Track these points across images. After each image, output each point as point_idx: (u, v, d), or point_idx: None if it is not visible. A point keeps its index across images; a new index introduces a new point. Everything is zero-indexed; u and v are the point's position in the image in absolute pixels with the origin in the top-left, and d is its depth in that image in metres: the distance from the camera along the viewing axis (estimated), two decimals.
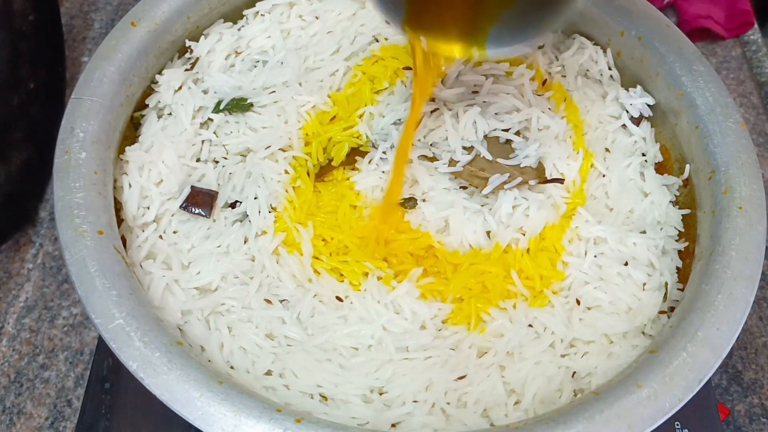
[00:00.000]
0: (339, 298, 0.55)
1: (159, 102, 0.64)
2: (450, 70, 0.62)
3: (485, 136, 0.62)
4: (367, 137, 0.62)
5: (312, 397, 0.52)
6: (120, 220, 0.58)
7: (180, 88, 0.65)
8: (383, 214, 0.58)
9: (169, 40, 0.66)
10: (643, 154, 0.66)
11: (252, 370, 0.53)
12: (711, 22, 0.93)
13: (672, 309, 0.58)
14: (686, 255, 0.61)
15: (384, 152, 0.61)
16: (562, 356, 0.54)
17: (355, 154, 0.62)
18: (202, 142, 0.63)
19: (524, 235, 0.58)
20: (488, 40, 0.50)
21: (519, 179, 0.59)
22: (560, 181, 0.60)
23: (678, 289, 0.59)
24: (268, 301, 0.55)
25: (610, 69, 0.71)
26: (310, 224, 0.58)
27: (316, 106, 0.64)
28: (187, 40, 0.68)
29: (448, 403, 0.51)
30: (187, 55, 0.68)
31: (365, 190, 0.60)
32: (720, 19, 0.95)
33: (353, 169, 0.62)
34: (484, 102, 0.63)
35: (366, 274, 0.56)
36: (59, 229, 0.51)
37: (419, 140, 0.62)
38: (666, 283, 0.58)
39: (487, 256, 0.57)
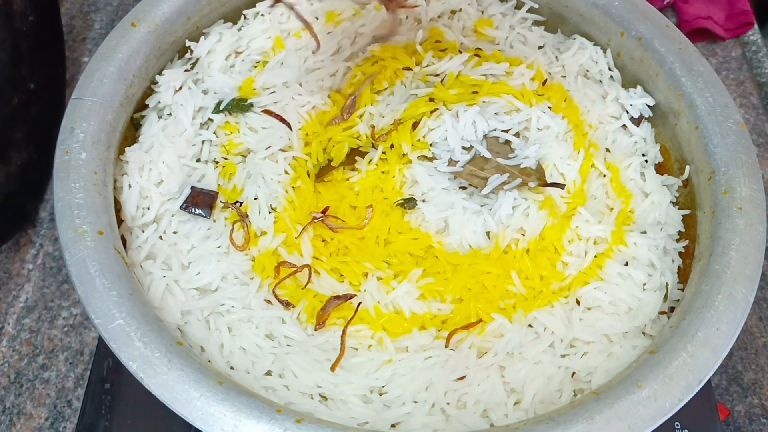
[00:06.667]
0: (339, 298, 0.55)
1: (159, 102, 0.64)
2: None
3: (485, 136, 0.62)
4: (366, 137, 0.62)
5: (312, 398, 0.52)
6: (120, 221, 0.58)
7: (180, 88, 0.65)
8: None
9: (169, 40, 0.66)
10: (644, 155, 0.67)
11: (252, 370, 0.53)
12: (711, 22, 0.93)
13: (672, 309, 0.58)
14: (687, 255, 0.61)
15: (384, 152, 0.61)
16: (562, 356, 0.54)
17: (355, 154, 0.62)
18: (202, 142, 0.63)
19: (524, 235, 0.58)
20: None
21: (519, 180, 0.59)
22: (561, 186, 0.60)
23: (678, 289, 0.59)
24: (268, 302, 0.55)
25: (610, 69, 0.71)
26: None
27: (316, 106, 0.64)
28: (187, 41, 0.68)
29: (448, 404, 0.51)
30: (187, 55, 0.68)
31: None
32: (720, 20, 0.95)
33: (353, 169, 0.62)
34: (484, 102, 0.63)
35: (366, 275, 0.56)
36: (59, 230, 0.51)
37: (419, 139, 0.62)
38: (666, 284, 0.58)
39: (487, 256, 0.57)
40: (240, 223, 0.58)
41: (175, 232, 0.59)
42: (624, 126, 0.67)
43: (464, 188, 0.60)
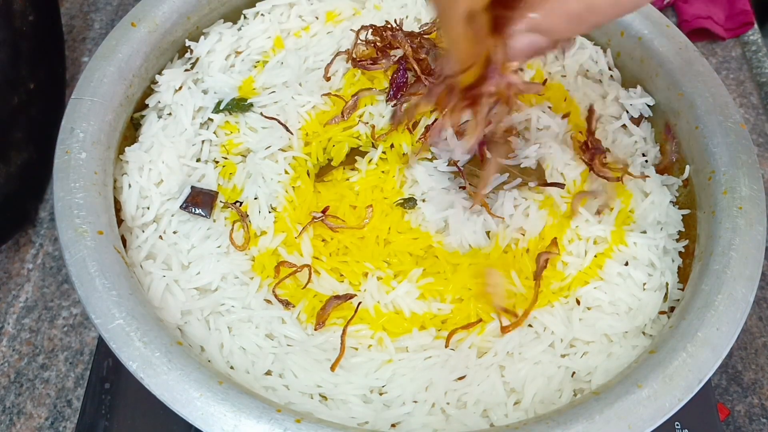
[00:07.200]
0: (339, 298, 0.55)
1: (159, 102, 0.64)
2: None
3: (485, 136, 0.62)
4: (366, 137, 0.62)
5: (312, 397, 0.52)
6: (120, 221, 0.58)
7: (180, 88, 0.65)
8: None
9: (169, 40, 0.66)
10: (644, 154, 0.66)
11: (252, 370, 0.52)
12: (711, 22, 0.93)
13: (672, 309, 0.58)
14: (687, 255, 0.61)
15: (384, 152, 0.61)
16: (562, 356, 0.54)
17: (355, 154, 0.62)
18: (202, 142, 0.63)
19: (524, 235, 0.58)
20: None
21: (519, 180, 0.59)
22: (561, 185, 0.60)
23: (678, 289, 0.59)
24: (268, 302, 0.55)
25: (610, 69, 0.71)
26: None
27: (316, 106, 0.64)
28: (187, 41, 0.68)
29: (448, 403, 0.51)
30: (187, 55, 0.68)
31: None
32: (720, 20, 0.95)
33: (353, 169, 0.62)
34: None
35: (366, 275, 0.56)
36: (59, 230, 0.51)
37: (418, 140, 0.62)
38: (666, 284, 0.58)
39: (487, 256, 0.57)
40: (240, 223, 0.58)
41: (175, 232, 0.59)
42: (624, 126, 0.67)
43: (464, 188, 0.60)
